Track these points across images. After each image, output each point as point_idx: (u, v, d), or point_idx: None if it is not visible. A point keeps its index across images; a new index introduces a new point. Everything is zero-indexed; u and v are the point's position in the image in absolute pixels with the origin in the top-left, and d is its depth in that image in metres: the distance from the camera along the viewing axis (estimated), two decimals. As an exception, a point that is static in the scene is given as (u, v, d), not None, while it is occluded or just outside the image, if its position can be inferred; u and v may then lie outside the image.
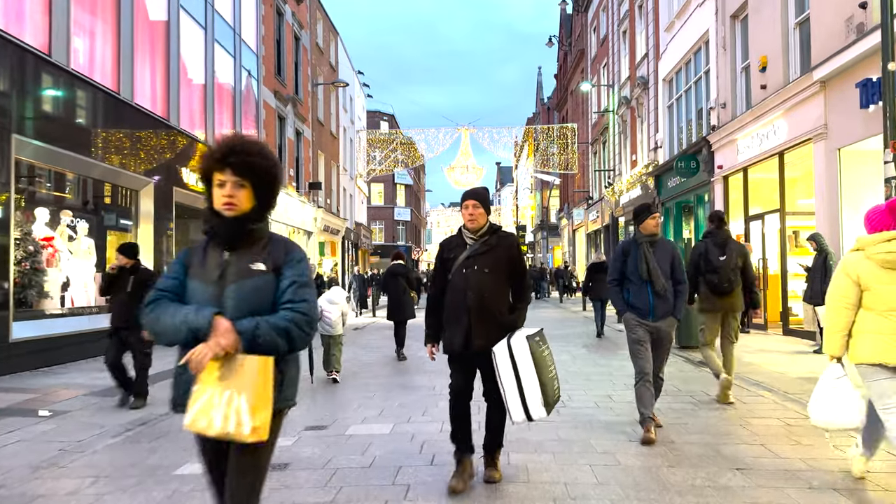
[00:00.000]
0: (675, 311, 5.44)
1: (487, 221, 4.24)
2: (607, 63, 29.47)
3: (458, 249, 4.27)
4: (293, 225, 23.38)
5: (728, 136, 15.40)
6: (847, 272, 3.96)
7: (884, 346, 3.78)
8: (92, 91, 11.35)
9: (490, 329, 4.07)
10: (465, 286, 4.11)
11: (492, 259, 4.15)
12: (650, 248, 5.43)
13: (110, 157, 11.79)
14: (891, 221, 3.95)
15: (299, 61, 25.34)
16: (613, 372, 8.88)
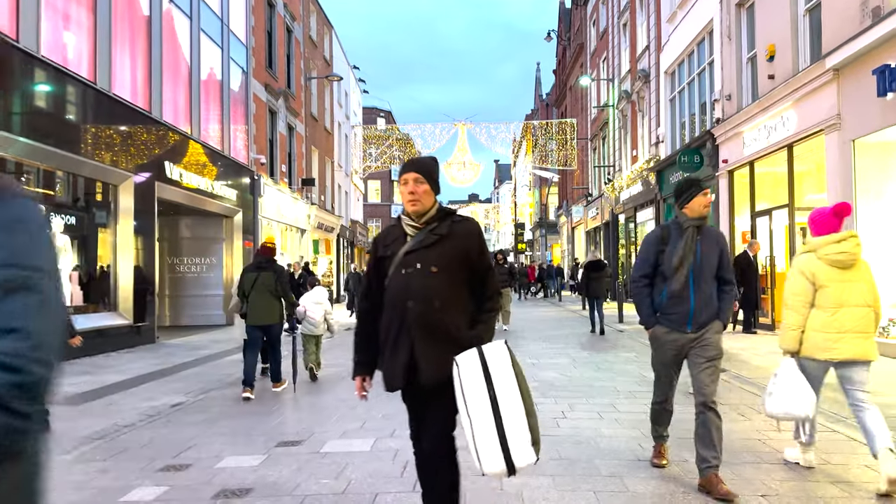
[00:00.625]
0: (721, 315, 4.19)
1: (436, 203, 3.07)
2: (607, 57, 28.89)
3: (396, 244, 3.03)
4: (285, 222, 22.79)
5: (733, 129, 14.83)
6: (803, 272, 4.29)
7: (827, 343, 4.16)
8: (64, 80, 10.75)
9: (442, 352, 2.83)
10: (404, 294, 2.89)
11: (442, 254, 2.92)
12: (697, 235, 4.16)
13: (86, 150, 11.20)
14: (836, 223, 4.31)
15: (291, 54, 24.74)
16: (616, 377, 8.32)
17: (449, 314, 2.89)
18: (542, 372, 8.82)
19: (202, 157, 15.99)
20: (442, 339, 2.87)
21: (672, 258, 4.13)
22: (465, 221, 3.05)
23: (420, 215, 3.00)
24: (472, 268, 2.98)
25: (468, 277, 2.98)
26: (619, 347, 11.41)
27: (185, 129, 15.06)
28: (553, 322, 17.56)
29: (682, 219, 4.20)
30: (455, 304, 2.92)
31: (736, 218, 15.33)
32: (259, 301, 7.68)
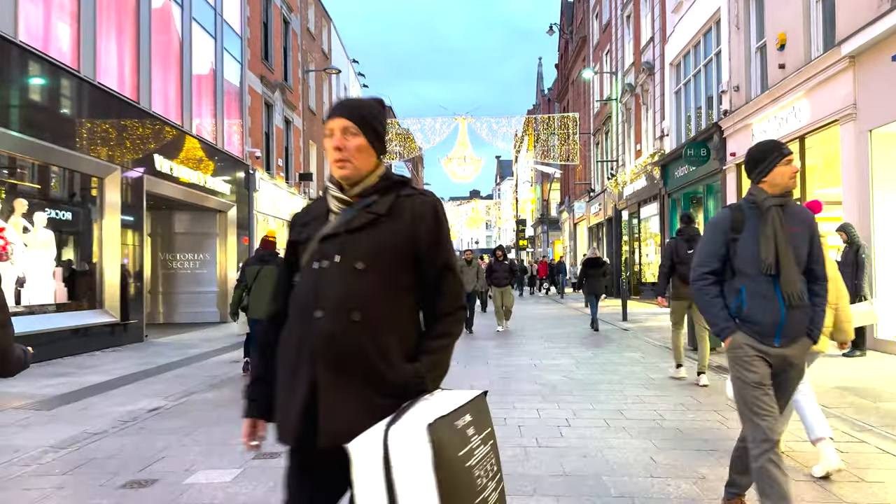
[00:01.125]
0: (812, 328, 3.14)
1: (379, 168, 2.04)
2: (610, 50, 28.39)
3: (315, 224, 2.03)
4: (281, 217, 22.34)
5: (742, 121, 14.35)
6: None
7: None
8: (47, 67, 10.29)
9: (356, 397, 1.83)
10: (312, 299, 1.90)
11: (376, 242, 1.92)
12: (782, 215, 3.09)
13: (67, 141, 10.75)
14: None
15: (288, 46, 24.26)
16: (623, 380, 7.85)
17: (376, 336, 1.85)
18: (544, 374, 8.36)
19: (194, 150, 15.54)
20: (359, 375, 1.82)
21: (753, 248, 3.06)
22: (418, 197, 1.98)
23: (353, 183, 1.98)
24: (422, 266, 1.95)
25: (415, 281, 1.96)
26: (625, 347, 10.95)
27: (176, 122, 14.60)
28: (554, 320, 17.11)
29: (759, 196, 3.14)
30: (388, 321, 1.88)
31: (744, 213, 14.85)
32: (262, 294, 7.70)
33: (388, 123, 2.16)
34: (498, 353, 10.63)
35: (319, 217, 2.03)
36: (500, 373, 8.55)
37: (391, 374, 1.84)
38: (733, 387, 3.21)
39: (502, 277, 14.29)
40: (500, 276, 14.27)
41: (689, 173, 17.99)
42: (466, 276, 13.95)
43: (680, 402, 6.47)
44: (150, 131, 13.42)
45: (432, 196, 2.01)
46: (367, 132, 1.97)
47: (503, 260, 14.62)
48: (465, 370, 8.88)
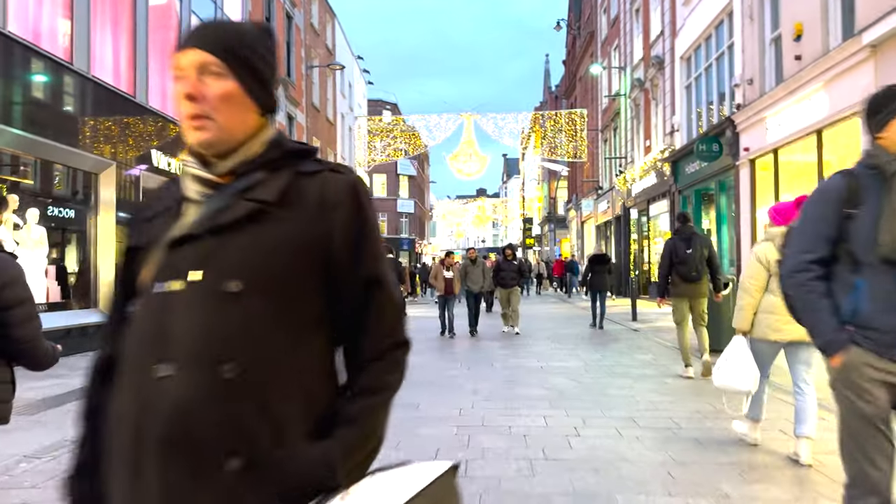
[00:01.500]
0: None
1: (265, 128, 1.30)
2: (619, 44, 27.94)
3: (161, 222, 1.24)
4: (285, 215, 22.01)
5: (756, 115, 13.91)
6: (759, 259, 4.63)
7: (778, 325, 4.46)
8: (38, 59, 9.98)
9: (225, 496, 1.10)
10: (154, 345, 1.14)
11: (260, 247, 1.17)
12: None
13: (62, 136, 10.43)
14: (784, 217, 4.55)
15: (291, 41, 23.92)
16: (634, 384, 7.47)
17: (263, 402, 1.13)
18: (551, 377, 7.98)
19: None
20: (233, 470, 1.10)
21: (876, 227, 2.24)
22: (329, 175, 1.25)
23: (220, 154, 1.25)
24: (337, 282, 1.23)
25: (325, 306, 1.24)
26: (635, 349, 10.55)
27: (174, 117, 14.26)
28: (562, 320, 16.72)
29: (880, 157, 2.33)
30: (283, 376, 1.16)
31: (758, 210, 14.41)
32: None
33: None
34: (503, 354, 10.26)
35: (172, 210, 1.25)
36: (506, 375, 8.18)
37: (289, 465, 1.12)
38: (839, 419, 2.43)
39: (509, 278, 13.58)
40: (507, 276, 13.58)
41: (700, 169, 17.56)
42: (471, 276, 13.65)
43: (696, 409, 6.09)
44: (148, 127, 13.10)
45: (349, 172, 1.28)
46: (239, 71, 1.22)
47: (512, 259, 13.79)
48: (469, 372, 8.51)
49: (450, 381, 7.88)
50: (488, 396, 6.81)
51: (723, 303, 9.73)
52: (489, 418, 5.76)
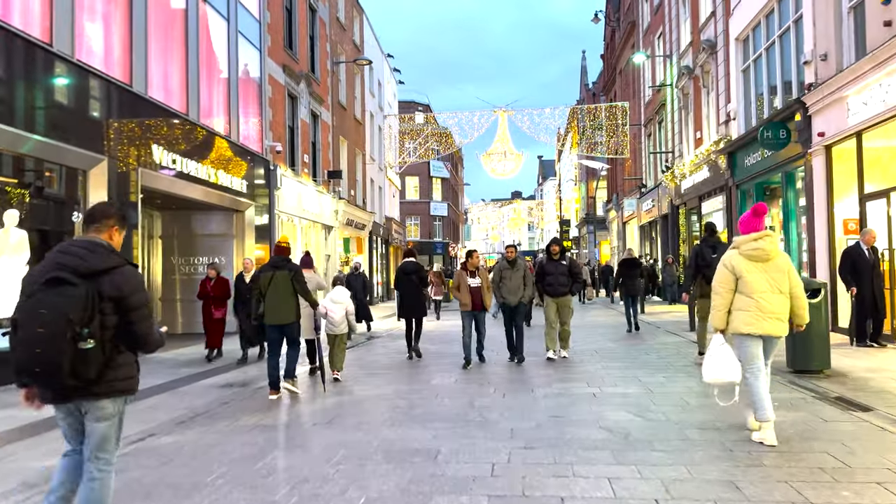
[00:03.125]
0: None
1: None
2: (663, 32, 26.08)
3: None
4: (308, 218, 20.75)
5: (833, 94, 12.08)
6: (725, 264, 5.32)
7: (749, 320, 5.15)
8: (12, 41, 8.76)
9: None
10: None
11: None
12: None
13: (44, 129, 9.21)
14: (757, 221, 5.27)
15: (315, 35, 22.69)
16: (717, 422, 5.82)
17: None
18: (608, 410, 6.38)
19: (203, 142, 13.98)
20: None
21: None
22: None
23: None
24: None
25: None
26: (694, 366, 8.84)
27: (179, 110, 13.04)
28: (609, 330, 15.02)
29: None
30: None
31: (836, 203, 12.57)
32: (275, 300, 7.71)
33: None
34: (545, 375, 8.67)
35: None
36: (551, 407, 6.61)
37: None
38: None
39: (559, 284, 10.10)
40: (555, 280, 10.11)
41: (762, 160, 15.71)
42: (508, 285, 9.92)
43: (818, 466, 4.45)
44: (147, 119, 11.87)
45: None
46: None
47: (559, 259, 10.25)
48: (505, 402, 6.97)
49: (480, 414, 6.35)
50: (530, 441, 5.26)
51: (812, 314, 8.05)
52: (533, 482, 4.21)
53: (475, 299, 9.72)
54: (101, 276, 2.97)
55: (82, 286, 2.90)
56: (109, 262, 3.03)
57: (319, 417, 6.54)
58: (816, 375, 7.92)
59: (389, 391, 7.86)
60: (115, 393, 3.09)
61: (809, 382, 7.51)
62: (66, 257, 3.00)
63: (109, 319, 2.98)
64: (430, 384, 8.25)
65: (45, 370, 2.82)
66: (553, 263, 10.19)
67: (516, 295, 9.89)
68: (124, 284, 3.03)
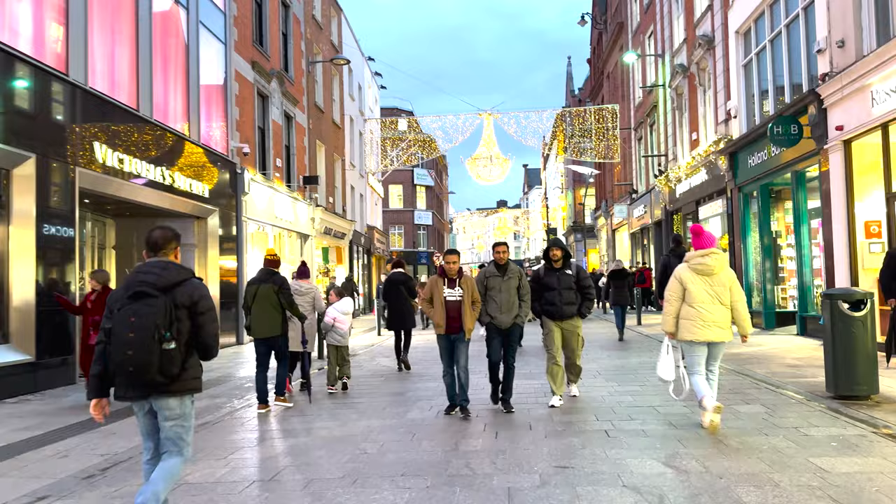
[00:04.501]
0: None
1: None
2: (654, 31, 25.05)
3: None
4: (280, 226, 19.34)
5: (854, 83, 10.94)
6: (675, 276, 5.98)
7: (692, 328, 5.81)
8: None
9: None
10: None
11: None
12: None
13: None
14: (699, 241, 5.92)
15: (289, 33, 21.38)
16: (773, 472, 4.55)
17: None
18: (629, 456, 5.06)
19: (156, 140, 12.60)
20: None
21: None
22: None
23: None
24: None
25: None
26: (730, 394, 7.56)
27: (126, 103, 11.66)
28: (608, 343, 13.75)
29: None
30: None
31: (856, 203, 11.41)
32: (261, 314, 7.63)
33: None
34: (544, 405, 7.35)
35: None
36: (556, 452, 5.28)
37: None
38: None
39: (564, 302, 7.22)
40: (558, 297, 7.22)
41: (768, 160, 14.57)
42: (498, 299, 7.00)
43: None
44: (87, 112, 10.49)
45: None
46: None
47: (562, 268, 7.37)
48: (497, 443, 5.63)
49: (466, 464, 5.03)
50: (534, 508, 3.93)
51: (857, 330, 6.86)
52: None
53: (451, 318, 6.78)
54: (175, 289, 3.50)
55: (161, 297, 3.42)
56: (180, 276, 3.56)
57: (261, 472, 5.18)
58: (864, 402, 6.69)
59: (358, 429, 6.51)
60: (187, 391, 3.57)
61: (859, 412, 6.27)
62: (145, 275, 3.51)
63: (184, 325, 3.49)
64: (406, 418, 6.90)
65: (138, 369, 3.29)
66: (554, 274, 7.30)
67: (509, 313, 6.94)
68: (194, 293, 3.56)
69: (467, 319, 6.80)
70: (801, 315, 13.53)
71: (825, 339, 7.13)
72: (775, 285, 15.36)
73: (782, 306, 15.32)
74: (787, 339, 13.04)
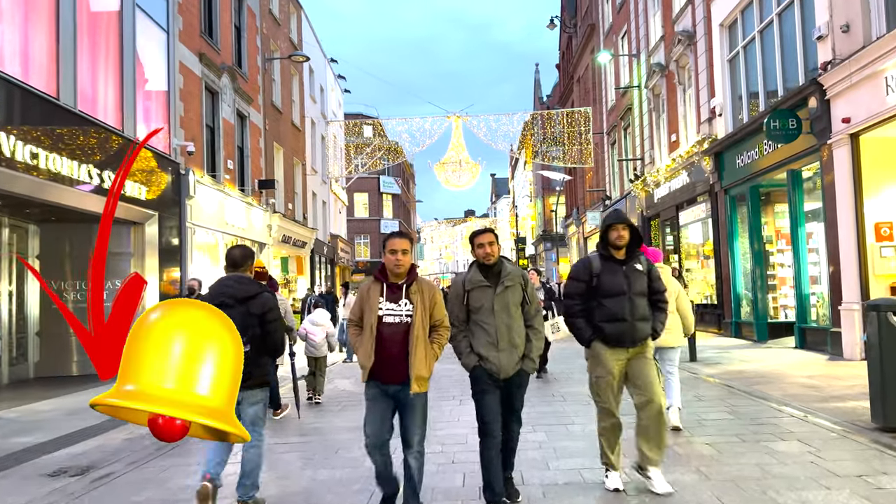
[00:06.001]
0: None
1: None
2: (628, 30, 24.12)
3: None
4: (232, 233, 17.75)
5: (863, 71, 9.92)
6: None
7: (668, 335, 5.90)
8: None
9: None
10: None
11: None
12: None
13: None
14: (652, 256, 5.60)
15: (242, 26, 19.86)
16: None
17: None
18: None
19: (78, 132, 11.01)
20: None
21: None
22: None
23: None
24: None
25: None
26: (761, 422, 6.30)
27: (40, 88, 10.07)
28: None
29: None
30: None
31: (865, 201, 10.37)
32: None
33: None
34: (597, 484, 5.97)
35: None
36: None
37: None
38: None
39: (636, 316, 4.53)
40: (623, 308, 4.50)
41: (759, 159, 13.54)
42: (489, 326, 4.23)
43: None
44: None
45: None
46: None
47: (629, 260, 4.62)
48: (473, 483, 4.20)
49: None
50: None
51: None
52: None
53: (390, 356, 3.96)
54: (249, 300, 4.19)
55: (238, 307, 4.08)
56: (254, 290, 4.29)
57: None
58: (921, 436, 5.49)
59: (298, 486, 5.07)
60: (260, 384, 4.29)
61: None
62: (225, 288, 4.30)
63: (255, 331, 4.15)
64: (364, 467, 5.40)
65: None
66: (619, 270, 4.55)
67: (511, 350, 4.21)
68: (265, 305, 4.26)
69: (417, 360, 3.89)
70: (799, 326, 12.45)
71: (870, 358, 5.94)
72: (767, 294, 14.30)
73: (775, 317, 14.26)
74: (787, 352, 11.91)
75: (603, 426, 4.59)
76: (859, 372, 9.19)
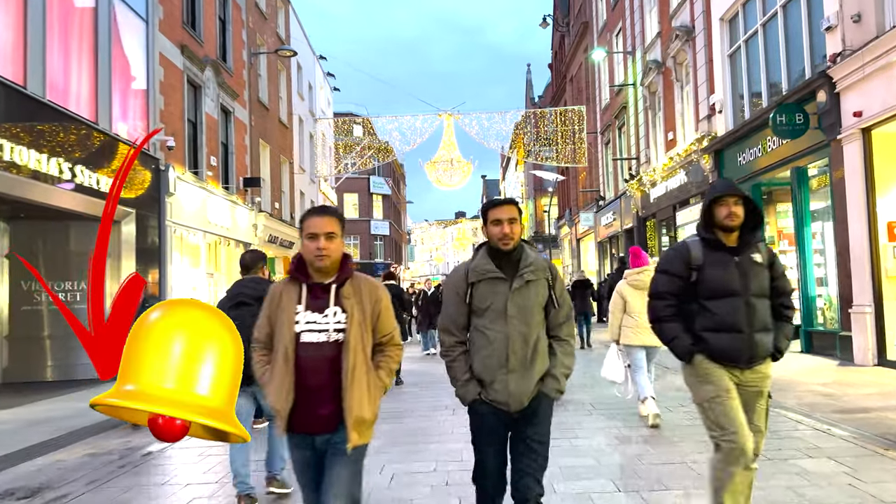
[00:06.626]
0: None
1: None
2: (623, 27, 23.67)
3: None
4: (216, 233, 17.12)
5: (875, 62, 9.45)
6: (617, 291, 6.97)
7: (631, 334, 6.74)
8: None
9: None
10: None
11: None
12: None
13: None
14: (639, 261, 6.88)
15: (227, 19, 19.25)
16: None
17: None
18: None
19: (49, 124, 10.39)
20: None
21: None
22: None
23: None
24: None
25: None
26: (783, 436, 5.77)
27: (7, 76, 9.45)
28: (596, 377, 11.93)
29: None
30: None
31: (878, 199, 9.90)
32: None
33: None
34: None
35: None
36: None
37: None
38: None
39: (757, 326, 3.29)
40: (743, 311, 3.27)
41: (762, 156, 13.07)
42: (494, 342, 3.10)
43: None
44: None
45: None
46: None
47: (743, 247, 3.35)
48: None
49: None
50: None
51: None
52: None
53: (313, 390, 2.80)
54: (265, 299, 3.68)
55: (256, 305, 3.80)
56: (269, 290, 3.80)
57: None
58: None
59: None
60: None
61: None
62: (243, 289, 4.67)
63: None
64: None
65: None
66: (725, 261, 3.33)
67: (526, 370, 3.10)
68: None
69: (355, 396, 2.77)
70: (805, 330, 11.98)
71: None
72: (769, 296, 13.81)
73: (777, 319, 13.78)
74: (793, 357, 11.42)
75: (722, 473, 3.16)
76: (875, 378, 8.73)
